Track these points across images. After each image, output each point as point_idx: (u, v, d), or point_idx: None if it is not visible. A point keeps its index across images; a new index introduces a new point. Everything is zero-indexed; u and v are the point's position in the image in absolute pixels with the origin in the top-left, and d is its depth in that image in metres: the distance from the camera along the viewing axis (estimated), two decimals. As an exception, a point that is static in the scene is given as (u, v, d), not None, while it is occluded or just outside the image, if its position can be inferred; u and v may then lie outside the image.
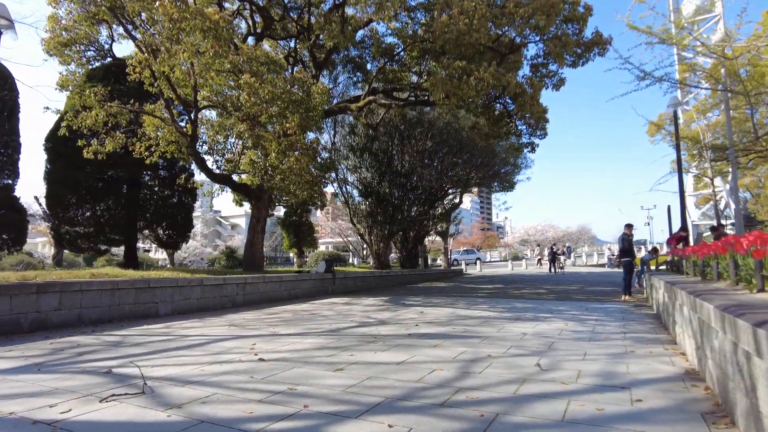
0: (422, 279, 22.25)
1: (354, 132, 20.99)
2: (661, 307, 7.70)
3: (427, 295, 14.13)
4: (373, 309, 10.26)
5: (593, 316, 8.79)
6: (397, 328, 7.31)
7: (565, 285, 18.29)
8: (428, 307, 10.47)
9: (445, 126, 21.03)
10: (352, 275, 16.59)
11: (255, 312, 10.00)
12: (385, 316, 8.87)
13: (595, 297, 12.99)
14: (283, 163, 10.43)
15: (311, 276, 14.34)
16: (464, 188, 28.93)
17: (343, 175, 21.42)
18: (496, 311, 9.69)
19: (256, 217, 15.01)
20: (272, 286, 12.71)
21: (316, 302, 12.15)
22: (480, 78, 10.20)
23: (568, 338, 6.38)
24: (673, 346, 5.71)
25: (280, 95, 9.34)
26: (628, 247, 11.99)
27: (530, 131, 17.17)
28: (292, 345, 5.98)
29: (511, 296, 13.64)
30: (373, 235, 20.88)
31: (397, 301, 12.09)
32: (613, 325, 7.57)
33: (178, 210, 19.51)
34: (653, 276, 9.01)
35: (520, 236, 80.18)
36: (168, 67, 10.11)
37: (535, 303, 11.41)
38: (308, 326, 7.68)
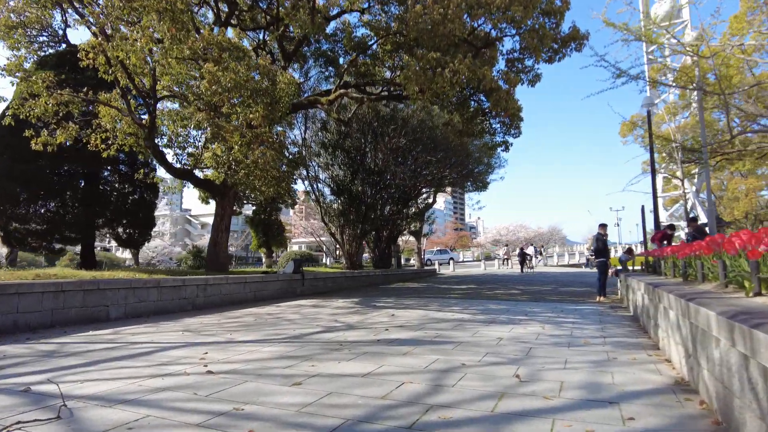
0: (395, 279, 21.82)
1: (326, 128, 20.39)
2: (640, 309, 7.44)
3: (399, 297, 13.70)
4: (342, 312, 9.75)
5: (569, 319, 8.50)
6: (366, 334, 6.83)
7: (538, 285, 18.15)
8: (400, 310, 10.02)
9: (419, 124, 20.65)
10: (323, 276, 16.02)
11: (215, 315, 9.37)
12: (354, 320, 8.38)
13: (570, 298, 12.79)
14: (248, 157, 9.82)
15: (278, 277, 13.71)
16: (438, 188, 28.66)
17: (314, 172, 20.82)
18: (469, 313, 9.31)
19: (220, 215, 14.29)
20: (236, 287, 12.05)
21: (282, 305, 11.56)
22: (455, 70, 9.80)
23: (546, 343, 6.01)
24: (656, 351, 5.40)
25: (243, 83, 8.74)
26: (602, 248, 11.81)
27: (504, 129, 16.97)
28: (248, 354, 5.43)
29: (485, 297, 13.33)
30: (345, 235, 20.34)
31: (367, 303, 11.61)
32: (591, 329, 7.27)
33: (139, 207, 18.55)
34: (630, 277, 8.79)
35: (493, 236, 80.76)
36: (123, 53, 9.37)
37: (509, 304, 11.10)
38: (270, 332, 7.13)
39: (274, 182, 10.86)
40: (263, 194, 11.38)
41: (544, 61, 12.43)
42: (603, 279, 11.73)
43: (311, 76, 19.38)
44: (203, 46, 9.00)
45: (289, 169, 11.85)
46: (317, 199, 20.31)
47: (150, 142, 11.14)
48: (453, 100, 12.68)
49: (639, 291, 7.39)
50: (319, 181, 20.80)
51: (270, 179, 10.83)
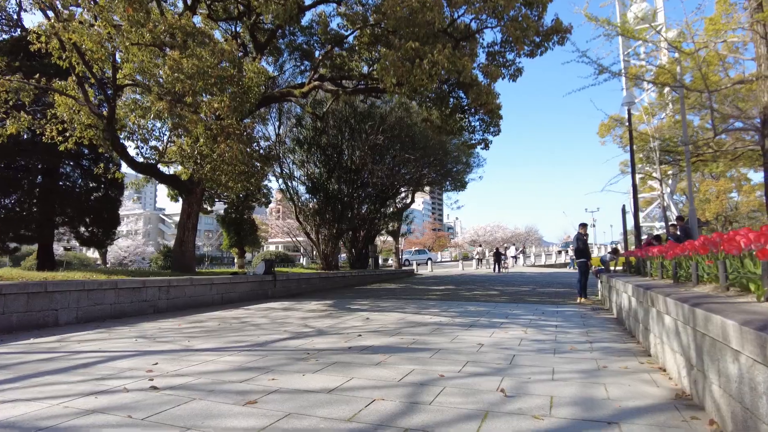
0: (372, 280, 21.30)
1: (301, 124, 19.75)
2: (626, 312, 7.11)
3: (375, 298, 13.20)
4: (313, 315, 9.20)
5: (552, 322, 8.14)
6: (337, 340, 6.30)
7: (516, 286, 17.89)
8: (375, 313, 9.52)
9: (397, 121, 20.21)
10: (296, 277, 15.41)
11: (176, 320, 8.72)
12: (326, 325, 7.84)
13: (550, 299, 12.49)
14: (214, 150, 9.18)
15: (248, 278, 13.06)
16: (416, 187, 28.27)
17: (289, 169, 20.15)
18: (448, 316, 8.87)
19: (186, 213, 13.57)
20: (201, 289, 11.38)
21: (251, 307, 10.95)
22: (434, 61, 9.36)
23: (530, 350, 5.60)
24: (648, 358, 5.03)
25: (207, 70, 8.12)
26: (583, 247, 11.53)
27: (483, 127, 16.67)
28: (203, 365, 4.86)
29: (464, 298, 12.94)
30: (320, 235, 19.74)
31: (342, 306, 11.08)
32: (576, 333, 6.90)
33: (103, 204, 17.63)
34: (614, 278, 8.48)
35: (470, 236, 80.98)
36: (77, 36, 8.64)
37: (489, 306, 10.71)
38: (232, 338, 6.54)
39: (242, 178, 10.24)
40: (231, 190, 10.75)
41: (526, 54, 12.09)
42: (584, 280, 11.46)
43: (286, 69, 18.75)
44: (165, 29, 8.34)
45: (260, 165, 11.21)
46: (291, 198, 19.65)
47: (109, 134, 10.39)
48: (432, 96, 12.26)
49: (625, 293, 7.05)
50: (294, 179, 20.17)
51: (238, 174, 10.20)
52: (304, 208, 20.11)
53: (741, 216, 45.48)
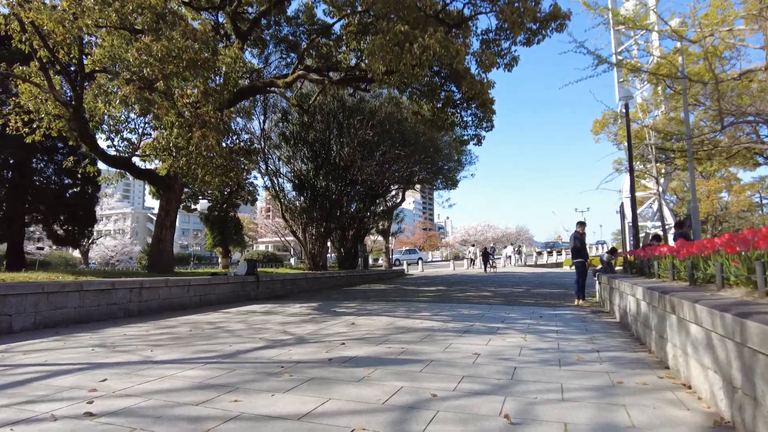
0: (361, 281, 20.66)
1: (287, 119, 19.03)
2: (632, 316, 6.54)
3: (363, 300, 12.56)
4: (295, 320, 8.54)
5: (552, 326, 7.56)
6: (317, 350, 5.66)
7: (509, 287, 17.34)
8: (362, 317, 8.89)
9: (387, 117, 19.57)
10: (281, 278, 14.71)
11: (146, 325, 8.01)
12: (307, 331, 7.19)
13: (545, 301, 11.94)
14: (188, 140, 8.49)
15: (228, 279, 12.36)
16: (407, 185, 27.66)
17: (274, 166, 19.42)
18: (440, 320, 8.26)
19: (164, 210, 12.83)
20: (178, 291, 10.67)
21: (231, 311, 10.26)
22: (425, 46, 8.73)
23: (533, 361, 5.00)
24: (666, 372, 4.45)
25: (178, 52, 7.43)
26: (580, 247, 10.98)
27: (476, 123, 16.13)
28: (158, 381, 4.19)
29: (456, 300, 12.34)
30: (308, 234, 19.05)
31: (327, 309, 10.42)
32: (579, 339, 6.31)
33: (78, 201, 16.80)
34: (617, 279, 7.92)
35: (461, 236, 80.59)
36: (34, 14, 7.90)
37: (483, 309, 10.12)
38: (201, 348, 5.87)
39: (220, 172, 9.56)
40: (208, 185, 10.05)
41: (522, 43, 11.51)
42: (582, 281, 10.91)
43: (272, 62, 18.04)
44: (133, 8, 7.63)
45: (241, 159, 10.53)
46: (277, 195, 18.92)
47: (76, 124, 9.63)
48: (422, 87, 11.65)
49: (632, 296, 6.48)
50: (280, 176, 19.45)
51: (215, 168, 9.51)
52: (290, 206, 19.40)
53: (731, 216, 45.53)
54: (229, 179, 10.21)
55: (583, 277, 10.93)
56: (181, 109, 8.16)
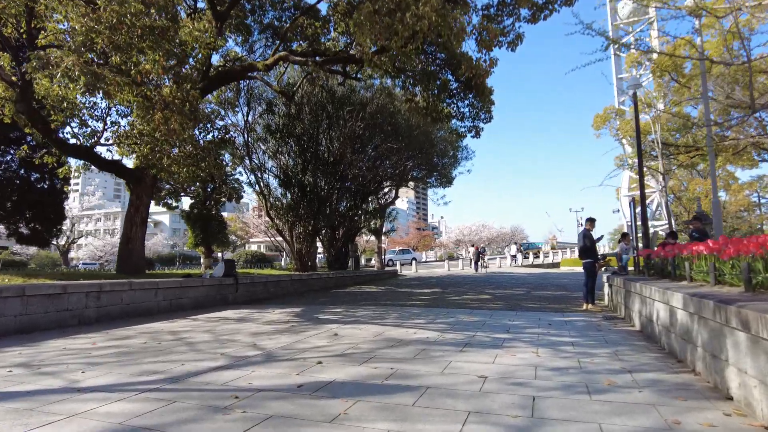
0: (351, 282, 19.59)
1: (272, 110, 17.93)
2: (663, 327, 5.54)
3: (351, 304, 11.52)
4: (270, 329, 7.48)
5: (565, 336, 6.56)
6: (286, 371, 4.61)
7: (508, 289, 16.36)
8: (348, 325, 7.84)
9: (379, 109, 18.53)
10: (263, 279, 13.62)
11: (97, 335, 6.94)
12: (281, 344, 6.13)
13: (550, 306, 10.94)
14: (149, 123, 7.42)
15: (203, 281, 11.26)
16: (400, 182, 26.62)
17: (259, 160, 18.30)
18: (436, 329, 7.24)
19: (135, 206, 11.73)
20: (143, 294, 9.57)
21: (201, 317, 9.18)
22: (419, 15, 7.67)
23: (554, 387, 3.98)
24: (730, 405, 3.44)
25: (131, 19, 6.37)
26: (590, 246, 9.98)
27: (473, 113, 15.16)
28: (61, 424, 3.13)
29: (453, 304, 11.32)
30: (294, 232, 17.96)
31: (309, 315, 9.36)
32: (603, 355, 5.31)
33: (46, 198, 15.63)
34: (639, 282, 6.93)
35: (455, 236, 79.77)
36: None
37: (484, 315, 9.10)
38: (146, 368, 4.81)
39: (189, 162, 8.47)
40: (174, 177, 8.98)
41: (527, 20, 10.53)
42: (591, 283, 9.90)
43: (257, 49, 16.94)
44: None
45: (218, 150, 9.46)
46: (262, 192, 17.81)
47: (23, 105, 8.51)
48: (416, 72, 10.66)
49: (663, 303, 5.49)
50: (265, 171, 18.33)
51: (184, 158, 8.42)
52: (276, 203, 18.30)
53: (729, 215, 44.86)
54: (201, 170, 9.13)
55: (593, 279, 9.94)
56: (139, 87, 7.08)
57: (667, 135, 20.38)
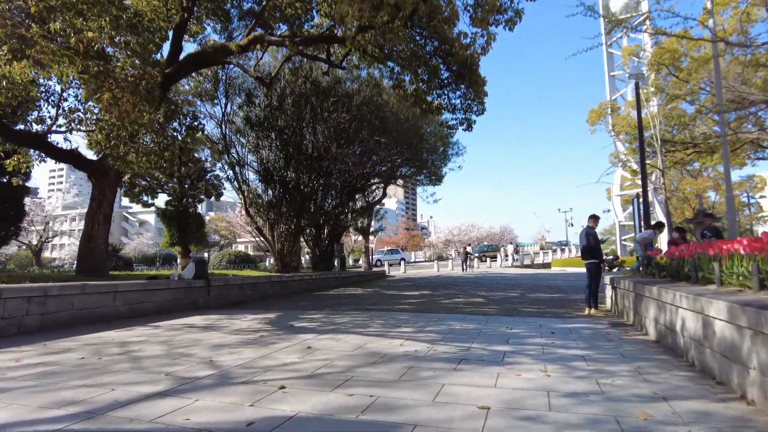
0: (336, 284, 18.64)
1: (252, 101, 16.92)
2: (694, 341, 4.70)
3: (333, 309, 10.58)
4: (234, 341, 6.52)
5: (573, 348, 5.71)
6: (238, 401, 3.67)
7: (501, 291, 15.52)
8: (325, 335, 6.91)
9: (366, 101, 17.61)
10: (238, 282, 12.63)
11: (31, 348, 5.94)
12: (242, 360, 5.20)
13: (548, 310, 10.10)
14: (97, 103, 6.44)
15: (170, 284, 10.26)
16: (388, 180, 25.70)
17: (238, 154, 17.26)
18: (426, 339, 6.35)
19: (97, 201, 10.69)
20: (99, 299, 8.56)
21: (163, 324, 8.20)
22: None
23: (577, 425, 3.12)
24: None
25: (67, -24, 5.41)
26: (594, 245, 9.16)
27: (465, 105, 14.33)
28: None
29: (444, 309, 10.42)
30: (276, 231, 16.97)
31: (284, 322, 8.41)
32: (624, 374, 4.46)
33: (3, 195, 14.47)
34: (656, 287, 6.10)
35: (445, 236, 79.11)
36: None
37: (479, 321, 8.23)
38: (65, 395, 3.85)
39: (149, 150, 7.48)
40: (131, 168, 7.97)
41: (527, -4, 9.70)
42: (595, 286, 9.08)
43: (236, 37, 15.87)
44: None
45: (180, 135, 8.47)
46: (240, 187, 16.79)
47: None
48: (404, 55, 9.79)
49: (695, 312, 4.65)
50: (245, 166, 17.29)
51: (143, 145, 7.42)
52: (256, 200, 17.27)
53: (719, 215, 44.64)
54: (163, 159, 8.16)
55: (597, 281, 9.11)
56: (83, 60, 6.07)
57: (664, 131, 19.73)
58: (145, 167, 8.09)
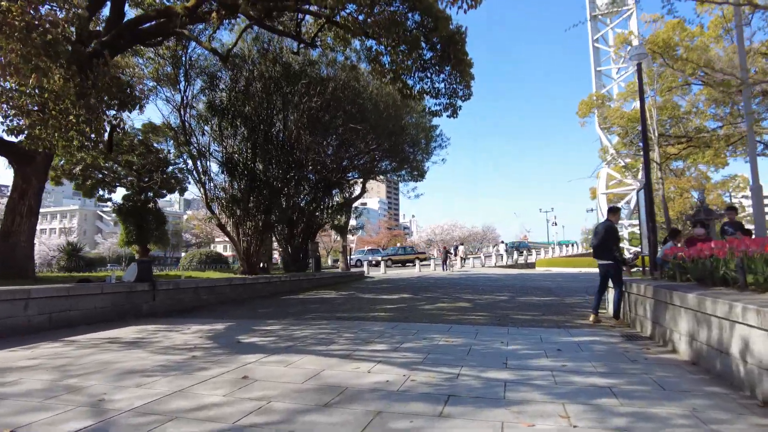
0: (310, 286, 17.14)
1: (215, 85, 15.34)
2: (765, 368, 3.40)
3: (297, 318, 9.13)
4: (153, 365, 5.04)
5: (591, 375, 4.40)
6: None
7: (488, 294, 14.24)
8: (275, 355, 5.48)
9: (342, 86, 16.17)
10: (192, 285, 11.07)
11: None
12: (144, 399, 3.74)
13: (545, 317, 8.81)
14: None
15: (104, 288, 8.69)
16: (368, 174, 24.27)
17: (199, 142, 15.60)
18: (402, 363, 4.98)
19: (19, 191, 9.10)
20: (6, 307, 6.98)
21: (82, 338, 6.68)
22: None
23: None
24: None
25: None
26: (614, 242, 7.68)
27: (450, 90, 13.07)
28: None
29: (426, 316, 9.04)
30: (241, 229, 15.41)
31: (231, 336, 6.93)
32: (679, 422, 3.15)
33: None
34: (693, 294, 4.83)
35: (427, 235, 78.07)
36: None
37: (466, 334, 6.88)
38: None
39: (64, 124, 5.96)
40: (41, 144, 6.43)
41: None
42: (619, 293, 7.63)
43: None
44: None
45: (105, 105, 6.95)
46: (200, 179, 15.19)
47: None
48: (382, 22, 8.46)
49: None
50: (206, 155, 15.65)
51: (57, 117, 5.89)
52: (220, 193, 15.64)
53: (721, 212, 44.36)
54: (84, 137, 6.64)
55: (620, 285, 7.66)
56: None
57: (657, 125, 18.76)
58: (58, 144, 6.56)
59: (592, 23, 38.15)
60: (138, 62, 16.93)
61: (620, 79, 37.39)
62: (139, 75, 17.23)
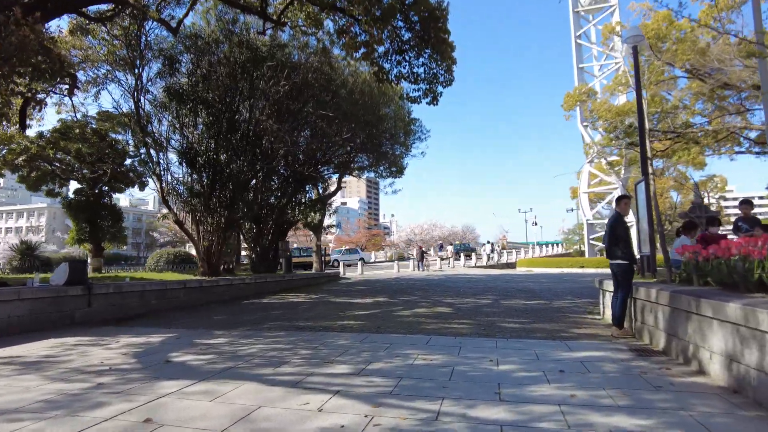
0: (278, 288, 15.85)
1: (175, 68, 13.96)
2: None
3: (251, 328, 7.91)
4: (35, 399, 3.82)
5: (613, 411, 3.36)
6: None
7: (470, 296, 13.22)
8: (204, 382, 4.31)
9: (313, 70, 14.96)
10: (139, 288, 9.75)
11: None
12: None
13: (536, 325, 7.79)
14: None
15: (22, 293, 7.35)
16: (343, 169, 23.07)
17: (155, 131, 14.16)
18: (365, 394, 3.87)
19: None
20: None
21: (-28, 358, 5.38)
22: None
23: None
24: None
25: None
26: (624, 236, 6.58)
27: (430, 75, 12.09)
28: None
29: (401, 326, 7.92)
30: (202, 225, 14.08)
31: (161, 354, 5.70)
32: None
33: None
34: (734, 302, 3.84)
35: (406, 235, 77.09)
36: None
37: (448, 348, 5.80)
38: None
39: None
40: None
41: None
42: (625, 295, 6.56)
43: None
44: None
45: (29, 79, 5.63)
46: (155, 171, 13.79)
47: None
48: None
49: None
50: (163, 145, 14.25)
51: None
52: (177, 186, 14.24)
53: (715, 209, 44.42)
54: None
55: (627, 289, 6.61)
56: None
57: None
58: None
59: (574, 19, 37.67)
60: (92, 43, 15.52)
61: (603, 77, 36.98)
62: (93, 58, 15.80)
